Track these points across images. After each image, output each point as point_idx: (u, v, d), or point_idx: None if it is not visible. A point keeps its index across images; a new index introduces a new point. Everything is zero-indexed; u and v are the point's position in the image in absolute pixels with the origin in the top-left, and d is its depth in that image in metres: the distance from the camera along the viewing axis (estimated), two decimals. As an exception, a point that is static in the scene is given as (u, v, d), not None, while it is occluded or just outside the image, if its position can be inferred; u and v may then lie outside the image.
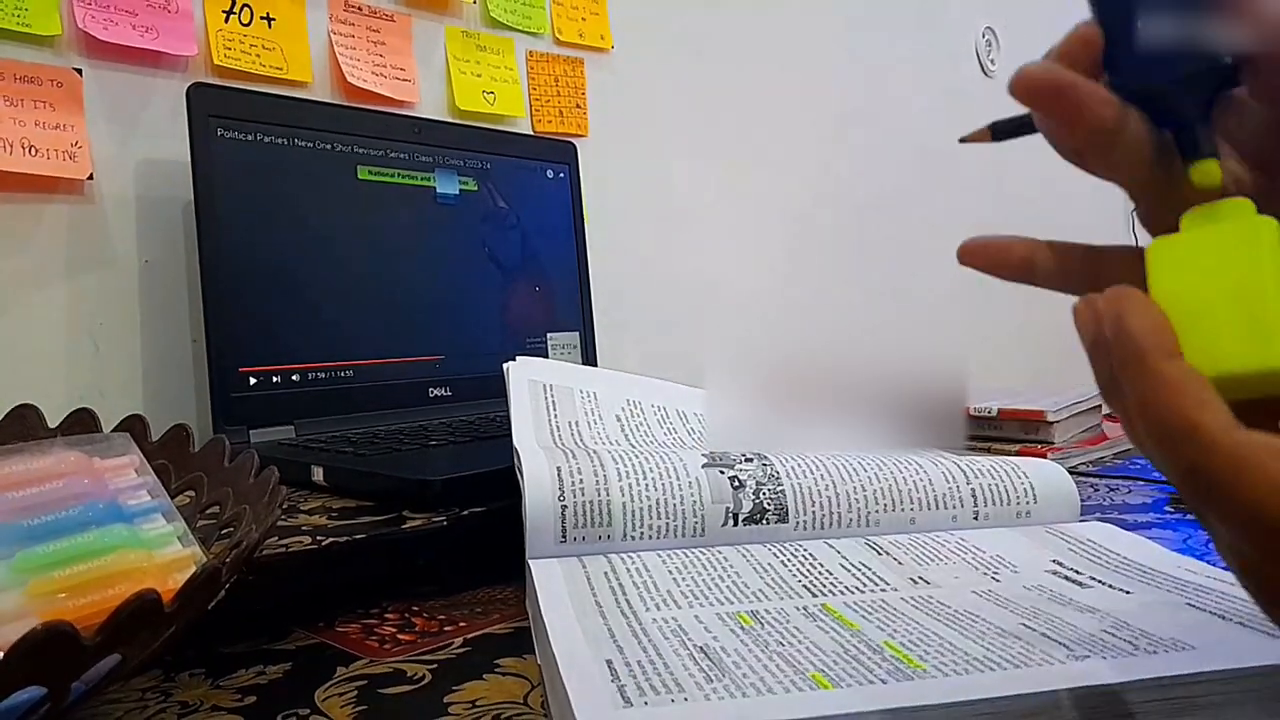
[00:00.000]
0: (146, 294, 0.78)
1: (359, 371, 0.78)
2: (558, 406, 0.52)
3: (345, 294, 0.78)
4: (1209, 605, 0.32)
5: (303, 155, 0.77)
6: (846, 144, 1.46)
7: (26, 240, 0.73)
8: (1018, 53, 1.77)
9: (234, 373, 0.71)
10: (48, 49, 0.73)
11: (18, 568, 0.31)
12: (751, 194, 1.33)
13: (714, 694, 0.26)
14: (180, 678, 0.36)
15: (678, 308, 1.22)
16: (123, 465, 0.37)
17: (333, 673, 0.36)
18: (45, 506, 0.33)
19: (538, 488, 0.40)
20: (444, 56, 0.99)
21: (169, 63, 0.80)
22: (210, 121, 0.72)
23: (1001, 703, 0.25)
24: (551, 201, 0.96)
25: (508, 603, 0.44)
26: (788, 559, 0.40)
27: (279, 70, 0.85)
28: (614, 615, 0.33)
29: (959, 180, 1.67)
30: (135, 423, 0.44)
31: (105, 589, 0.31)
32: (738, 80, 1.30)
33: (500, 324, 0.90)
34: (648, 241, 1.18)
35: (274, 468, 0.39)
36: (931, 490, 0.45)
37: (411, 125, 0.85)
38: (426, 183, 0.85)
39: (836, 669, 0.27)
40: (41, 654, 0.24)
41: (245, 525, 0.37)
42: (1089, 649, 0.28)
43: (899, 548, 0.41)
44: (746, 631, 0.31)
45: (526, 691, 0.34)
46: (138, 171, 0.78)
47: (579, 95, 1.10)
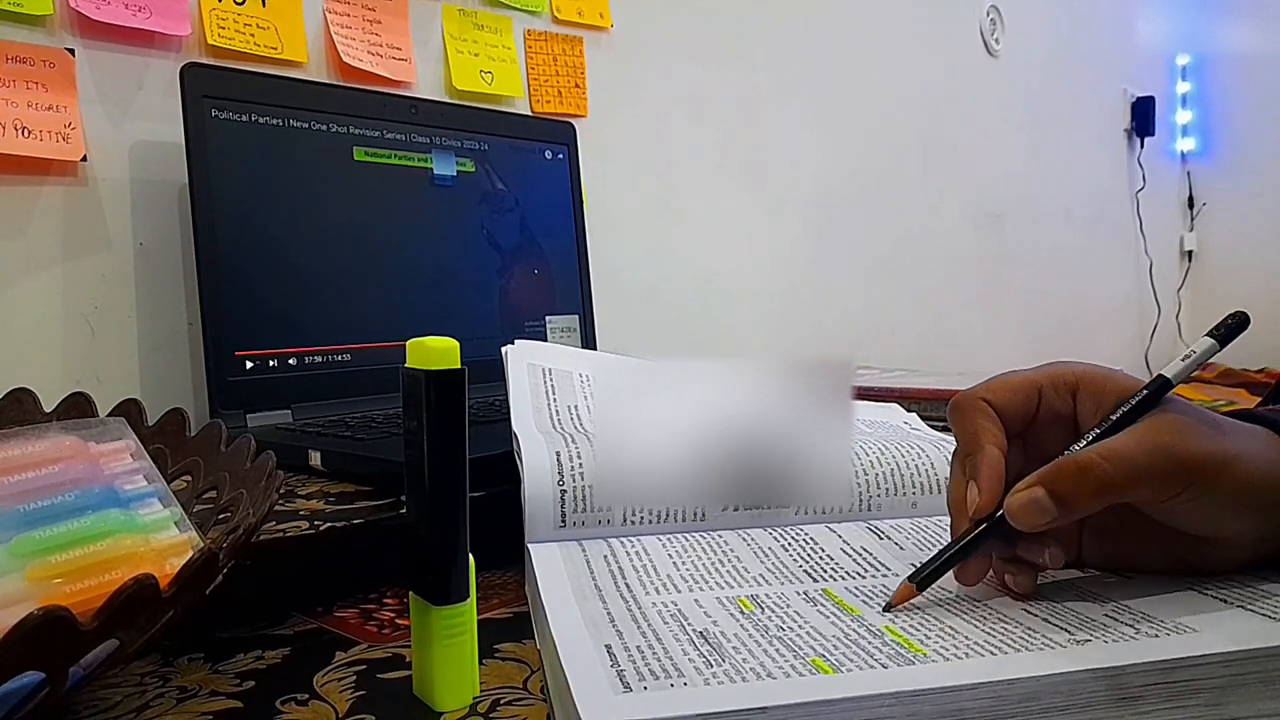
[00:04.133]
0: (142, 277, 0.77)
1: (356, 355, 0.78)
2: (557, 390, 0.52)
3: (342, 277, 0.78)
4: (1210, 588, 0.32)
5: (298, 136, 0.76)
6: (849, 124, 1.45)
7: (21, 223, 0.72)
8: (1022, 32, 1.76)
9: (230, 356, 0.70)
10: (40, 29, 0.72)
11: (14, 552, 0.30)
12: (752, 174, 1.32)
13: (714, 679, 0.26)
14: (179, 663, 0.36)
15: (678, 289, 1.21)
16: (119, 450, 0.37)
17: (331, 658, 0.36)
18: (41, 491, 0.33)
19: (537, 472, 0.40)
20: (441, 35, 0.98)
21: (162, 42, 0.79)
22: (204, 102, 0.71)
23: (1002, 687, 0.25)
24: (550, 183, 0.95)
25: (507, 588, 0.44)
26: (788, 543, 0.39)
27: (274, 50, 0.84)
28: (613, 600, 0.32)
29: (959, 160, 1.67)
30: (131, 407, 0.44)
31: (102, 574, 0.30)
32: (739, 60, 1.29)
33: (499, 307, 0.89)
34: (647, 222, 1.18)
35: (271, 452, 0.39)
36: (933, 474, 0.45)
37: (408, 105, 0.85)
38: (424, 164, 0.84)
39: (837, 654, 0.27)
40: (39, 639, 0.24)
41: (242, 510, 0.37)
42: (1090, 632, 0.28)
43: (900, 532, 0.41)
44: (747, 616, 0.31)
45: (526, 676, 0.33)
46: (132, 153, 0.77)
47: (578, 75, 1.09)
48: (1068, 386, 0.36)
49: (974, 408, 0.35)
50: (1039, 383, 0.36)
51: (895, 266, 1.53)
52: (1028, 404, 0.36)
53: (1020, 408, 0.35)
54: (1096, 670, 0.26)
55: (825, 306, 1.42)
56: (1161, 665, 0.26)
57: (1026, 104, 1.79)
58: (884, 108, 1.50)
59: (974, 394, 0.36)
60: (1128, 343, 2.16)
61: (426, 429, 0.29)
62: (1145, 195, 2.13)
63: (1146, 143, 2.15)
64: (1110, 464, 0.30)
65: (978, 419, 0.35)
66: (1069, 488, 0.31)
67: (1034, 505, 0.31)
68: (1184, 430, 0.31)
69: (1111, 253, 2.10)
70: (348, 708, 0.31)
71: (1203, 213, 2.34)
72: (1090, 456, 0.31)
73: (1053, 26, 1.85)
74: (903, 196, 1.55)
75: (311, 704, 0.32)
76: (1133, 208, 2.14)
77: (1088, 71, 1.99)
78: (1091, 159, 2.03)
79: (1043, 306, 1.83)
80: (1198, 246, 2.35)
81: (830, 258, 1.43)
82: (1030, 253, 1.80)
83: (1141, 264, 2.17)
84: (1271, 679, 0.27)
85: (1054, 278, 1.87)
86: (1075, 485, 0.31)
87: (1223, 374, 1.61)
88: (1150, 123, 2.13)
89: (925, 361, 1.25)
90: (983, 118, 1.70)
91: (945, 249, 1.62)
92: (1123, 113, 2.13)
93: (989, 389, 0.36)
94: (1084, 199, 1.98)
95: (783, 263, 1.36)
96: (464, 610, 0.31)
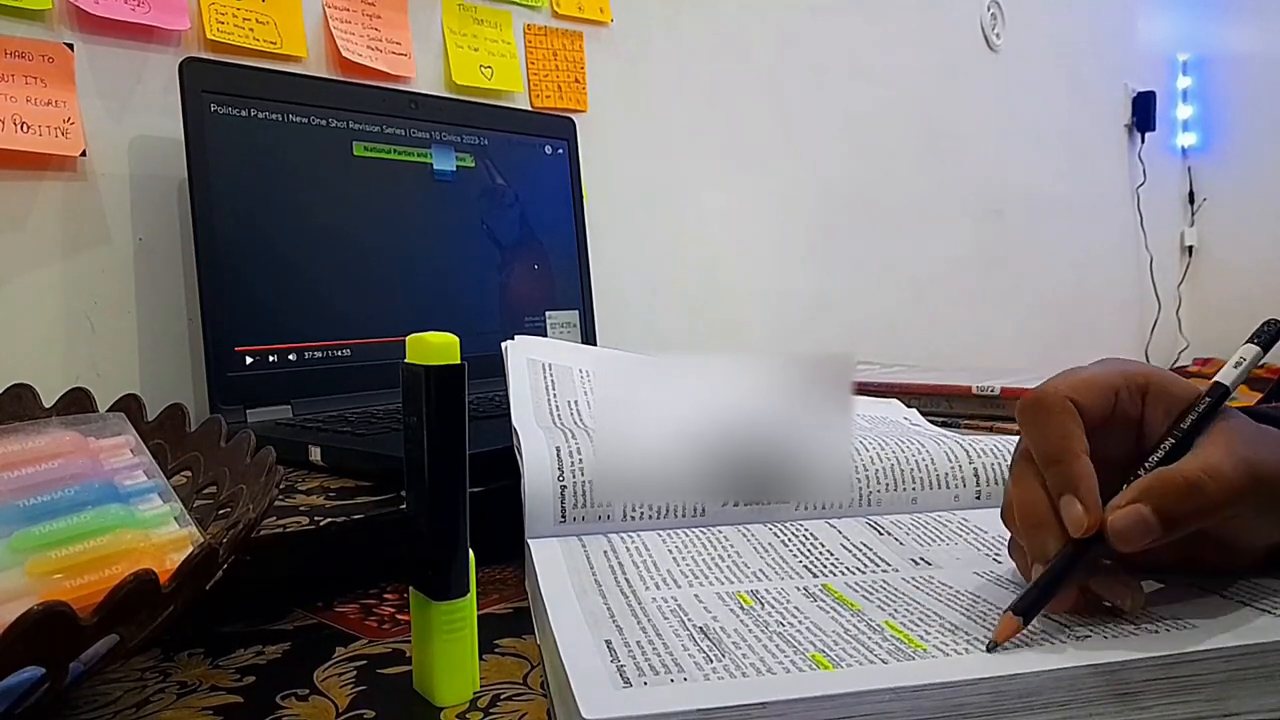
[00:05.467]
0: (142, 273, 0.77)
1: (356, 350, 0.78)
2: (557, 386, 0.52)
3: (342, 272, 0.78)
4: (1211, 584, 0.32)
5: (298, 131, 0.76)
6: (849, 118, 1.45)
7: (20, 218, 0.72)
8: (1023, 27, 1.76)
9: (230, 352, 0.70)
10: (38, 23, 0.72)
11: (15, 548, 0.30)
12: (752, 169, 1.32)
13: (714, 674, 0.26)
14: (179, 658, 0.36)
15: (678, 284, 1.21)
16: (119, 445, 0.37)
17: (331, 653, 0.36)
18: (41, 486, 0.33)
19: (537, 467, 0.40)
20: (440, 30, 0.98)
21: (161, 37, 0.78)
22: (204, 97, 0.71)
23: (1002, 682, 0.25)
24: (550, 178, 0.95)
25: (507, 583, 0.44)
26: (788, 539, 0.39)
27: (273, 45, 0.84)
28: (613, 595, 0.32)
29: (959, 155, 1.66)
30: (131, 402, 0.44)
31: (102, 569, 0.31)
32: (738, 54, 1.29)
33: (499, 302, 0.89)
34: (648, 218, 1.18)
35: (271, 448, 0.39)
36: (933, 469, 0.45)
37: (408, 100, 0.84)
38: (423, 159, 0.84)
39: (837, 649, 0.27)
40: (39, 634, 0.24)
41: (242, 505, 0.37)
42: (1090, 629, 0.28)
43: (900, 528, 0.41)
44: (747, 611, 0.31)
45: (526, 672, 0.33)
46: (131, 148, 0.77)
47: (578, 70, 1.09)
48: (1139, 389, 0.33)
49: (1062, 409, 0.31)
50: (1117, 384, 0.33)
51: (894, 260, 1.53)
52: (1107, 406, 0.32)
53: (1102, 410, 0.32)
54: (1097, 666, 0.26)
55: (825, 301, 1.41)
56: (1162, 661, 0.26)
57: (1027, 98, 1.79)
58: (884, 102, 1.50)
59: (1059, 392, 0.32)
60: (1128, 338, 2.16)
61: (426, 424, 0.29)
62: (1146, 190, 2.13)
63: (1147, 138, 2.14)
64: (1215, 483, 0.28)
65: (1067, 423, 0.31)
66: (1179, 507, 0.28)
67: (1141, 524, 0.28)
68: (1253, 443, 0.30)
69: (1112, 248, 2.10)
70: (348, 703, 0.31)
71: (1203, 208, 2.34)
72: (1199, 475, 0.28)
73: (1053, 21, 1.85)
74: (902, 191, 1.54)
75: (312, 699, 0.32)
76: (1133, 203, 2.13)
77: (1088, 66, 1.98)
78: (1092, 154, 2.03)
79: (1043, 301, 1.83)
80: (1198, 242, 2.35)
81: (830, 252, 1.43)
82: (1030, 247, 1.80)
83: (1142, 259, 2.17)
84: (1272, 674, 0.27)
85: (1054, 272, 1.87)
86: (1185, 504, 0.28)
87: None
88: (1151, 118, 2.13)
89: (925, 356, 1.25)
90: (983, 112, 1.70)
91: (945, 244, 1.62)
92: (1123, 108, 2.12)
93: (1073, 387, 0.32)
94: (1084, 194, 1.98)
95: (782, 257, 1.36)
96: (464, 605, 0.31)
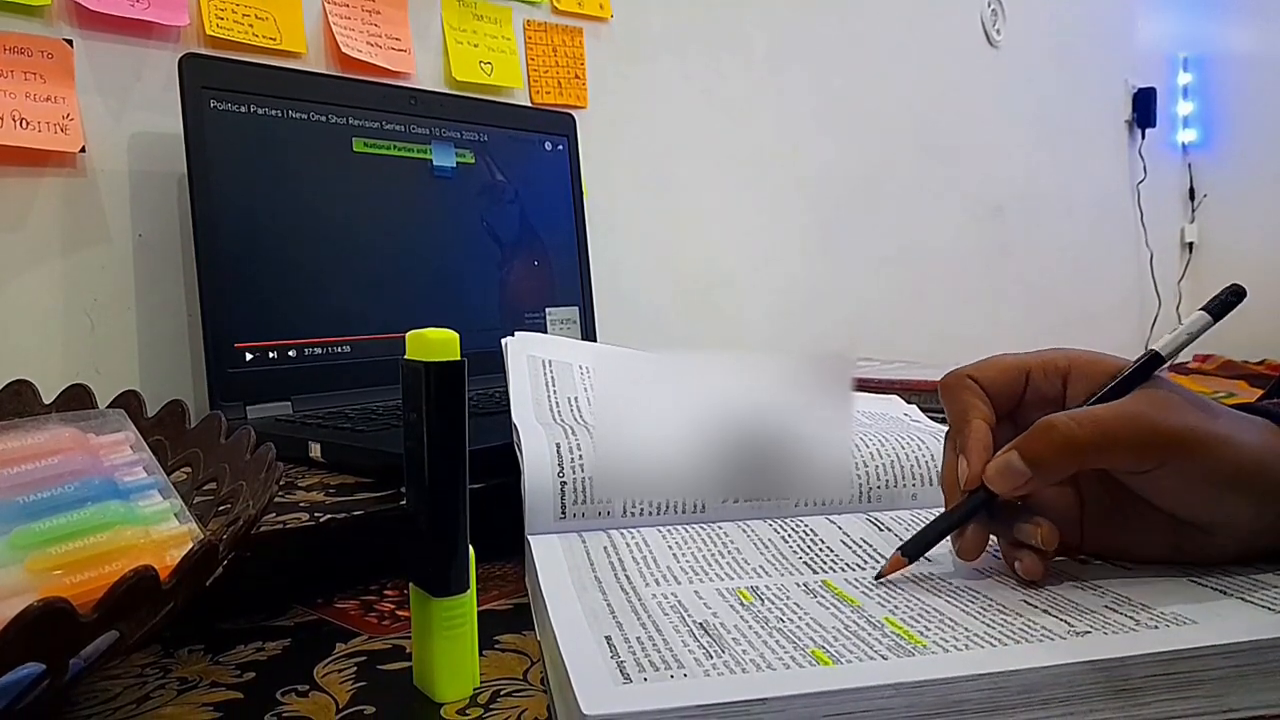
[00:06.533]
0: (141, 269, 0.77)
1: (356, 347, 0.78)
2: (557, 382, 0.52)
3: (342, 269, 0.78)
4: (1210, 580, 0.32)
5: (297, 127, 0.76)
6: (849, 114, 1.45)
7: (20, 215, 0.72)
8: (1023, 23, 1.75)
9: (230, 348, 0.70)
10: (38, 19, 0.72)
11: (14, 544, 0.30)
12: (753, 165, 1.31)
13: (714, 670, 0.26)
14: (179, 654, 0.36)
15: (678, 281, 1.21)
16: (118, 441, 0.37)
17: (332, 649, 0.36)
18: (41, 483, 0.33)
19: (537, 464, 0.40)
20: (440, 26, 0.98)
21: (160, 33, 0.78)
22: (203, 93, 0.71)
23: (1002, 678, 0.25)
24: (550, 174, 0.95)
25: (507, 579, 0.44)
26: (788, 535, 0.39)
27: (272, 41, 0.84)
28: (613, 591, 0.32)
29: (959, 152, 1.66)
30: (131, 399, 0.44)
31: (102, 565, 0.31)
32: (739, 50, 1.29)
33: (499, 299, 0.89)
34: (648, 214, 1.18)
35: (271, 444, 0.39)
36: (933, 466, 0.45)
37: (408, 96, 0.84)
38: (423, 155, 0.84)
39: (837, 645, 0.27)
40: (39, 630, 0.24)
41: (242, 502, 0.37)
42: (1090, 624, 0.28)
43: (900, 524, 0.41)
44: (747, 608, 0.31)
45: (526, 668, 0.34)
46: (130, 144, 0.77)
47: (578, 66, 1.09)
48: (1059, 371, 0.36)
49: (961, 385, 0.36)
50: (1028, 365, 0.37)
51: (895, 257, 1.53)
52: (1014, 385, 0.37)
53: (1007, 388, 0.36)
54: (1097, 662, 0.26)
55: (825, 297, 1.41)
56: (1163, 657, 0.26)
57: (1027, 95, 1.79)
58: (884, 99, 1.50)
59: (961, 373, 0.37)
60: (1128, 334, 2.16)
61: (426, 421, 0.29)
62: (1146, 187, 2.13)
63: (1147, 134, 2.14)
64: (1079, 425, 0.31)
65: (965, 395, 0.36)
66: (1039, 448, 0.31)
67: (1007, 468, 0.32)
68: (1165, 404, 0.32)
69: (1112, 244, 2.09)
70: (348, 699, 0.31)
71: (1204, 205, 2.34)
72: (1058, 416, 0.32)
73: (1054, 17, 1.84)
74: (902, 188, 1.54)
75: (312, 695, 0.32)
76: (1134, 199, 2.13)
77: (1089, 63, 1.98)
78: (1092, 150, 2.03)
79: (1043, 298, 1.83)
80: (1199, 238, 2.34)
81: (830, 249, 1.43)
82: (1031, 244, 1.80)
83: (1142, 256, 2.16)
84: (1272, 671, 0.27)
85: (1054, 269, 1.87)
86: (1044, 446, 0.31)
87: (1223, 365, 1.61)
88: (1151, 114, 2.12)
89: (925, 354, 1.25)
90: (983, 109, 1.69)
91: (945, 241, 1.62)
92: (1124, 104, 2.12)
93: (976, 368, 0.37)
94: (1085, 191, 1.97)
95: (783, 254, 1.36)
96: (464, 602, 0.31)
